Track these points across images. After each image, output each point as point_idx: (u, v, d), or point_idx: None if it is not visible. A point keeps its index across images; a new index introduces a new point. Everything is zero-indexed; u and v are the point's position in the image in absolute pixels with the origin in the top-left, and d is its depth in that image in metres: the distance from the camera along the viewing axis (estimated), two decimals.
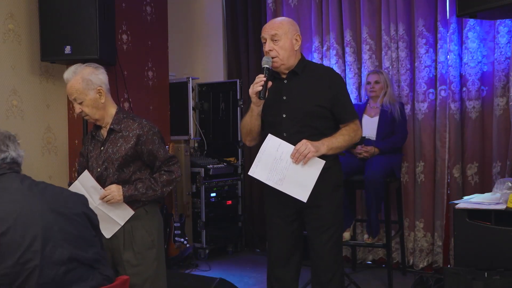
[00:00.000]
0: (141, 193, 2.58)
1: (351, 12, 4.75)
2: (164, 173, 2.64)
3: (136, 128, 2.62)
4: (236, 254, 5.27)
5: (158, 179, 2.62)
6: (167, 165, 2.65)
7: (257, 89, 2.60)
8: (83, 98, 2.61)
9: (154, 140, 2.63)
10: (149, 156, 2.63)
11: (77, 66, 2.67)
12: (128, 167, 2.62)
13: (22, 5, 4.04)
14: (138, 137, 2.60)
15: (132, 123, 2.65)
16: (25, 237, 1.72)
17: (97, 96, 2.63)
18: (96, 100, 2.62)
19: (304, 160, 2.58)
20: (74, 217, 1.86)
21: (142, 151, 2.62)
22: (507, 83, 4.02)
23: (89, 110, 2.62)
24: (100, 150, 2.66)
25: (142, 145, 2.61)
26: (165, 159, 2.65)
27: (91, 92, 2.61)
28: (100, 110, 2.65)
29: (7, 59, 3.96)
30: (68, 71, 2.66)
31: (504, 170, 4.02)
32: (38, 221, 1.76)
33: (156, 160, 2.64)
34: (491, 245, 2.75)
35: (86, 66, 2.67)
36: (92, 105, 2.62)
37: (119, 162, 2.60)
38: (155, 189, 2.60)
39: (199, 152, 5.50)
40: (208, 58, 5.74)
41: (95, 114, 2.64)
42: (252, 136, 2.82)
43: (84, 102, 2.62)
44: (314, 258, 2.80)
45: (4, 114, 3.93)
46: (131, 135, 2.61)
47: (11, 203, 1.77)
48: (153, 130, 2.66)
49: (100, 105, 2.64)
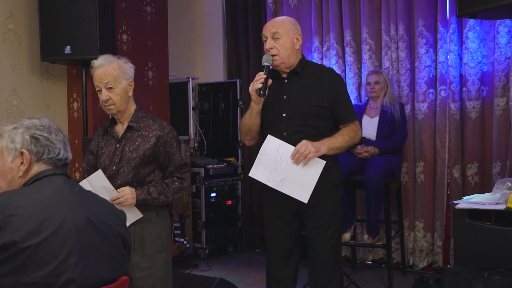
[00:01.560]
0: (154, 197, 2.54)
1: (351, 12, 4.75)
2: (177, 180, 2.61)
3: (157, 129, 2.58)
4: (236, 254, 5.27)
5: (170, 185, 2.59)
6: (180, 172, 2.63)
7: (257, 86, 2.60)
8: (115, 85, 2.56)
9: (172, 143, 2.61)
10: (165, 159, 2.60)
11: (110, 56, 2.63)
12: (144, 168, 2.58)
13: (22, 5, 4.04)
14: (158, 138, 2.56)
15: (153, 124, 2.61)
16: (63, 248, 1.58)
17: (128, 87, 2.60)
18: (126, 91, 2.59)
19: (304, 161, 2.58)
20: (111, 237, 1.72)
21: (160, 153, 2.58)
22: (507, 83, 4.02)
23: (117, 99, 2.56)
24: (116, 148, 2.60)
25: (161, 146, 2.57)
26: (180, 165, 2.63)
27: (124, 82, 2.59)
28: (125, 102, 2.60)
29: (7, 59, 3.96)
30: (100, 58, 2.61)
31: (504, 170, 4.02)
32: (78, 235, 1.62)
33: (170, 164, 2.61)
34: (491, 245, 2.75)
35: (119, 57, 2.66)
36: (121, 94, 2.57)
37: (136, 162, 2.55)
38: (167, 195, 2.57)
39: (199, 152, 5.50)
40: (208, 58, 5.74)
41: (121, 105, 2.58)
42: (251, 135, 2.82)
43: (115, 90, 2.56)
44: (313, 259, 2.79)
45: (4, 114, 3.93)
46: (150, 135, 2.57)
47: (58, 208, 1.63)
48: (172, 133, 2.62)
49: (127, 98, 2.60)
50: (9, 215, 1.54)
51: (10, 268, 1.53)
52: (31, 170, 1.73)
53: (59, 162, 1.76)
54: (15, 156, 1.72)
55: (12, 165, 1.73)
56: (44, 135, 1.74)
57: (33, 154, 1.72)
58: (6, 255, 1.52)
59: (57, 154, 1.75)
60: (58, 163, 1.76)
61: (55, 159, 1.75)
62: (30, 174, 1.73)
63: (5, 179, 1.75)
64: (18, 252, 1.53)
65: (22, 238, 1.53)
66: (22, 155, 1.72)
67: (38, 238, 1.55)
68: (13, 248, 1.52)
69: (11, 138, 1.73)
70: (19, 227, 1.54)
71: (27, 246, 1.53)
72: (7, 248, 1.52)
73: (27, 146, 1.72)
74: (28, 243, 1.53)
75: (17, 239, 1.52)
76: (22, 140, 1.72)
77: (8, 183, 1.75)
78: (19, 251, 1.53)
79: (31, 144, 1.72)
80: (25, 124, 1.76)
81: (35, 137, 1.73)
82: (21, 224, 1.54)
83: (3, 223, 1.53)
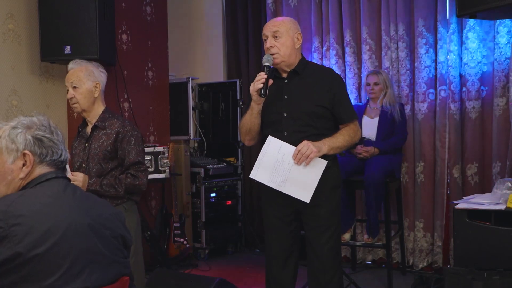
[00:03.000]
0: (104, 190, 2.72)
1: (351, 12, 4.75)
2: (130, 177, 2.77)
3: (118, 126, 2.80)
4: (236, 254, 5.27)
5: (123, 181, 2.76)
6: (135, 169, 2.79)
7: (258, 86, 2.61)
8: (80, 85, 2.81)
9: (130, 140, 2.79)
10: (122, 155, 2.79)
11: (83, 60, 2.91)
12: (106, 163, 2.78)
13: (22, 5, 4.04)
14: (117, 134, 2.78)
15: (116, 122, 2.84)
16: (67, 257, 1.54)
17: (93, 89, 2.83)
18: (91, 92, 2.83)
19: (306, 161, 2.58)
20: (112, 239, 1.70)
21: (117, 148, 2.79)
22: (507, 83, 4.02)
23: (81, 98, 2.81)
24: (85, 146, 2.83)
25: (119, 142, 2.78)
26: (134, 162, 2.78)
27: (89, 83, 2.82)
28: (90, 102, 2.83)
29: (7, 59, 3.96)
30: (74, 61, 2.89)
31: (504, 170, 4.02)
32: (82, 242, 1.59)
33: (125, 160, 2.79)
34: (491, 245, 2.75)
35: (91, 62, 2.91)
36: (85, 94, 2.82)
37: (99, 157, 2.77)
38: (118, 189, 2.75)
39: (199, 152, 5.50)
40: (208, 58, 5.74)
41: (84, 104, 2.82)
42: (251, 135, 2.82)
43: (79, 89, 2.81)
44: (312, 259, 2.79)
45: (4, 114, 3.93)
46: (112, 132, 2.79)
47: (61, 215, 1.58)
48: (132, 131, 2.81)
49: (92, 98, 2.84)
50: (12, 225, 1.49)
51: (15, 279, 1.50)
52: (33, 172, 1.68)
53: (61, 164, 1.73)
54: (17, 157, 1.67)
55: (12, 166, 1.67)
56: (47, 135, 1.70)
57: (36, 155, 1.68)
58: (10, 266, 1.49)
59: (60, 156, 1.72)
60: (60, 165, 1.73)
61: (57, 160, 1.72)
62: (31, 176, 1.68)
63: (4, 180, 1.69)
64: (22, 263, 1.49)
65: (26, 249, 1.49)
66: (25, 156, 1.66)
67: (43, 248, 1.51)
68: (18, 259, 1.48)
69: (11, 138, 1.67)
70: (23, 238, 1.49)
71: (31, 257, 1.49)
72: (11, 260, 1.48)
73: (30, 147, 1.67)
74: (32, 254, 1.49)
75: (22, 251, 1.48)
76: (24, 141, 1.67)
77: (7, 184, 1.69)
78: (24, 262, 1.49)
79: (35, 146, 1.67)
80: (24, 123, 1.70)
81: (38, 138, 1.68)
82: (25, 234, 1.50)
83: (6, 233, 1.48)
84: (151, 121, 4.76)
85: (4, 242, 1.48)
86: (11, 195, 1.62)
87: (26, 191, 1.64)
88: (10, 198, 1.58)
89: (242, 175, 5.34)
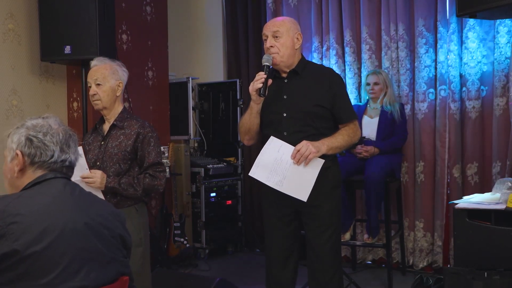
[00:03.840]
0: (123, 188, 2.69)
1: (351, 12, 4.75)
2: (148, 177, 2.76)
3: (138, 127, 2.79)
4: (236, 254, 5.27)
5: (141, 180, 2.74)
6: (154, 170, 2.78)
7: (257, 86, 2.61)
8: (104, 83, 2.79)
9: (150, 141, 2.79)
10: (142, 155, 2.78)
11: (107, 59, 2.90)
12: (125, 163, 2.76)
13: (22, 5, 4.04)
14: (137, 134, 2.76)
15: (136, 123, 2.81)
16: (64, 255, 1.55)
17: (116, 87, 2.82)
18: (114, 90, 2.81)
19: (305, 161, 2.58)
20: (111, 239, 1.71)
21: (138, 149, 2.77)
22: (507, 83, 4.02)
23: (104, 95, 2.79)
24: (101, 144, 2.80)
25: (139, 142, 2.76)
26: (154, 163, 2.78)
27: (112, 81, 2.81)
28: (111, 101, 2.82)
29: (7, 59, 3.96)
30: (97, 59, 2.89)
31: (504, 170, 4.02)
32: (80, 241, 1.60)
33: (145, 160, 2.78)
34: (491, 245, 2.75)
35: (114, 61, 2.91)
36: (108, 92, 2.80)
37: (118, 157, 2.74)
38: (136, 189, 2.72)
39: (199, 152, 5.50)
40: (208, 58, 5.74)
41: (106, 102, 2.80)
42: (251, 135, 2.82)
43: (102, 87, 2.79)
44: (312, 259, 2.79)
45: (4, 114, 3.93)
46: (132, 133, 2.76)
47: (59, 214, 1.59)
48: (152, 133, 2.81)
49: (114, 97, 2.82)
50: (10, 223, 1.51)
51: (11, 277, 1.51)
52: (28, 173, 1.69)
53: (54, 165, 1.70)
54: (13, 157, 1.70)
55: (10, 166, 1.71)
56: (38, 136, 1.69)
57: (26, 155, 1.68)
58: (7, 264, 1.50)
59: (51, 157, 1.69)
60: (54, 166, 1.70)
61: (48, 162, 1.69)
62: (28, 178, 1.69)
63: (7, 179, 1.74)
64: (20, 260, 1.50)
65: (23, 247, 1.50)
66: (17, 156, 1.69)
67: (40, 246, 1.52)
68: (15, 257, 1.50)
69: (11, 137, 1.71)
70: (20, 236, 1.51)
71: (29, 255, 1.50)
72: (8, 257, 1.50)
73: (21, 147, 1.69)
74: (29, 251, 1.50)
75: (19, 248, 1.50)
76: (18, 141, 1.69)
77: (10, 183, 1.73)
78: (21, 260, 1.50)
79: (25, 146, 1.68)
80: (26, 124, 1.72)
81: (29, 139, 1.68)
82: (22, 232, 1.51)
83: (3, 231, 1.50)
84: (151, 121, 4.75)
85: (2, 240, 1.50)
86: (9, 196, 1.64)
87: (25, 192, 1.66)
88: (8, 198, 1.60)
89: (242, 175, 5.34)
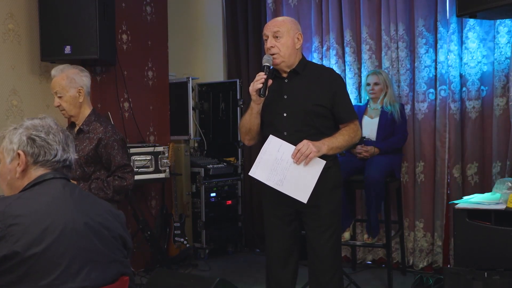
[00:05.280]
0: (94, 193, 2.79)
1: (351, 12, 4.75)
2: (117, 179, 2.90)
3: (100, 132, 2.91)
4: (236, 254, 5.27)
5: (110, 183, 2.88)
6: (122, 172, 2.92)
7: (257, 86, 2.60)
8: (63, 94, 2.91)
9: (113, 145, 2.91)
10: (107, 160, 2.91)
11: (65, 66, 2.97)
12: (88, 167, 2.90)
13: (22, 5, 4.04)
14: (99, 140, 2.88)
15: (99, 127, 2.93)
16: (65, 256, 1.55)
17: (77, 95, 2.93)
18: (75, 98, 2.93)
19: (306, 161, 2.58)
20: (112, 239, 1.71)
21: (102, 154, 2.89)
22: (507, 83, 4.02)
23: (67, 105, 2.92)
24: None
25: (102, 148, 2.89)
26: (120, 165, 2.91)
27: (72, 90, 2.91)
28: (76, 108, 2.94)
29: (7, 59, 3.96)
30: (56, 68, 2.96)
31: (504, 170, 4.02)
32: (80, 241, 1.59)
33: (111, 164, 2.91)
34: (491, 245, 2.75)
35: (73, 67, 2.97)
36: (70, 101, 2.92)
37: (82, 161, 2.87)
38: (107, 192, 2.86)
39: (199, 152, 5.50)
40: (208, 58, 5.74)
41: (71, 110, 2.93)
42: (251, 135, 2.82)
43: (63, 98, 2.92)
44: (313, 258, 2.79)
45: (4, 114, 3.93)
46: (94, 137, 2.89)
47: (59, 215, 1.59)
48: (114, 136, 2.92)
49: (77, 104, 2.94)
50: (9, 225, 1.51)
51: (12, 279, 1.50)
52: (29, 173, 1.69)
53: (57, 164, 1.72)
54: (13, 157, 1.69)
55: (10, 167, 1.70)
56: (41, 136, 1.70)
57: (29, 155, 1.68)
58: (7, 266, 1.50)
59: (54, 156, 1.71)
60: (56, 165, 1.72)
61: (52, 161, 1.71)
62: (29, 178, 1.69)
63: (5, 180, 1.73)
64: (20, 262, 1.50)
65: (24, 248, 1.50)
66: (19, 156, 1.68)
67: (40, 247, 1.52)
68: (15, 258, 1.49)
69: (10, 138, 1.70)
70: (20, 237, 1.51)
71: (29, 256, 1.50)
72: (8, 259, 1.49)
73: (23, 147, 1.68)
74: (30, 253, 1.50)
75: (19, 250, 1.49)
76: (19, 141, 1.69)
77: (9, 185, 1.72)
78: (21, 262, 1.50)
79: (27, 145, 1.68)
80: (25, 125, 1.72)
81: (31, 138, 1.69)
82: (22, 233, 1.51)
83: (4, 233, 1.50)
84: (151, 121, 4.76)
85: (2, 242, 1.50)
86: (9, 197, 1.64)
87: (24, 193, 1.66)
88: (8, 200, 1.60)
89: (242, 175, 5.34)
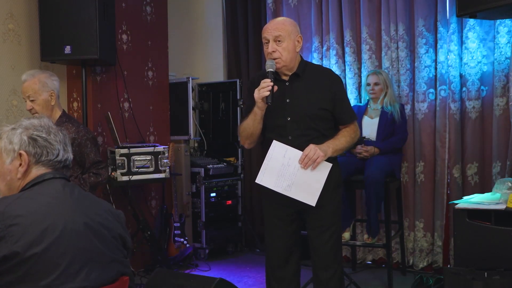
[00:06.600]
0: None
1: (351, 12, 4.74)
2: (93, 175, 3.08)
3: (73, 132, 3.04)
4: (236, 254, 5.27)
5: (87, 180, 3.05)
6: (96, 168, 3.10)
7: (264, 94, 2.58)
8: (36, 97, 3.05)
9: (86, 144, 3.07)
10: (81, 158, 3.06)
11: (36, 70, 3.17)
12: None
13: (22, 5, 4.04)
14: (73, 140, 2.99)
15: (71, 127, 3.07)
16: (65, 256, 1.55)
17: (49, 98, 3.09)
18: (47, 101, 3.09)
19: (313, 165, 2.58)
20: (112, 239, 1.71)
21: (76, 153, 2.97)
22: (507, 83, 4.02)
23: (39, 108, 3.06)
24: None
25: (76, 147, 3.01)
26: (94, 162, 3.08)
27: (44, 93, 3.07)
28: (48, 110, 3.09)
29: (7, 59, 3.96)
30: (26, 73, 3.11)
31: (504, 170, 4.02)
32: (80, 241, 1.60)
33: (86, 161, 3.08)
34: (491, 245, 2.75)
35: (43, 72, 3.16)
36: (42, 104, 3.07)
37: None
38: (84, 188, 2.95)
39: (199, 152, 5.50)
40: (208, 58, 5.73)
41: (44, 113, 3.04)
42: (253, 139, 2.80)
43: (36, 101, 3.06)
44: (314, 258, 2.80)
45: (4, 114, 3.93)
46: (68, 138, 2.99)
47: (58, 215, 1.59)
48: (87, 135, 3.08)
49: (50, 107, 3.10)
50: (9, 225, 1.51)
51: (12, 279, 1.50)
52: (30, 172, 1.70)
53: (58, 164, 1.73)
54: (14, 158, 1.69)
55: (10, 167, 1.70)
56: (42, 135, 1.70)
57: (31, 155, 1.69)
58: (7, 266, 1.50)
59: (56, 156, 1.72)
60: (58, 165, 1.72)
61: (54, 161, 1.71)
62: (29, 177, 1.69)
63: (4, 180, 1.72)
64: (20, 263, 1.50)
65: (23, 249, 1.50)
66: (21, 156, 1.68)
67: (40, 247, 1.52)
68: (15, 259, 1.49)
69: (9, 139, 1.70)
70: (20, 237, 1.50)
71: (29, 256, 1.50)
72: (8, 259, 1.49)
73: (25, 147, 1.69)
74: (30, 253, 1.50)
75: (19, 250, 1.49)
76: (20, 141, 1.68)
77: (7, 185, 1.72)
78: (21, 262, 1.50)
79: (29, 145, 1.69)
80: (23, 125, 1.72)
81: (33, 138, 1.69)
82: (22, 234, 1.51)
83: (3, 233, 1.50)
84: (151, 121, 4.76)
85: (1, 242, 1.50)
86: (9, 197, 1.63)
87: (24, 193, 1.66)
88: (8, 200, 1.60)
89: (242, 175, 5.33)
